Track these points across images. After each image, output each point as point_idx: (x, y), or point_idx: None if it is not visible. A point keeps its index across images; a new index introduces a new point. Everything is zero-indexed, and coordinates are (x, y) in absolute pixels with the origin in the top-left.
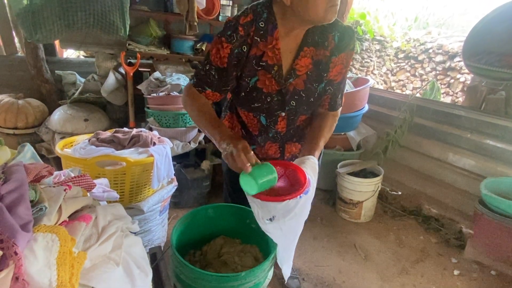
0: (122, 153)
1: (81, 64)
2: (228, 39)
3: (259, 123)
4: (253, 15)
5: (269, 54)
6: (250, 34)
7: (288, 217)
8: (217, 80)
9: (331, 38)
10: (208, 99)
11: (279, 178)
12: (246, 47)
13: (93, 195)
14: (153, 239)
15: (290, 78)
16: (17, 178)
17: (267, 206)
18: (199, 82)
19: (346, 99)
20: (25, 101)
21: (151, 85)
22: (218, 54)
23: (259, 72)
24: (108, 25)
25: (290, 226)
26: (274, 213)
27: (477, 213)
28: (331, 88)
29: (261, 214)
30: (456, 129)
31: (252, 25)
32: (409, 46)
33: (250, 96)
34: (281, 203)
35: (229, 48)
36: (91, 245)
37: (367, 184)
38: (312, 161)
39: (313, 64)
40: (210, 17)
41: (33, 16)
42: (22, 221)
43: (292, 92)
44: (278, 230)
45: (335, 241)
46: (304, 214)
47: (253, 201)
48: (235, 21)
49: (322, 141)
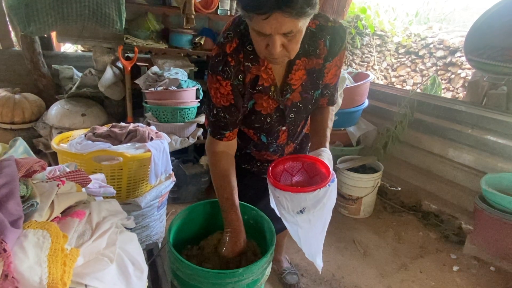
0: (119, 148)
1: (78, 58)
2: (224, 76)
3: (260, 141)
4: (238, 38)
5: (264, 76)
6: (240, 61)
7: (318, 207)
8: (229, 119)
9: (322, 45)
10: (230, 140)
11: (297, 172)
12: (242, 75)
13: (89, 191)
14: (151, 235)
15: (286, 94)
16: (7, 172)
17: (298, 198)
18: (214, 131)
19: (346, 94)
20: (22, 95)
21: (149, 80)
22: (219, 93)
23: (255, 95)
24: (104, 17)
25: (319, 216)
26: (304, 204)
27: (477, 209)
28: (328, 91)
29: (291, 206)
30: (457, 125)
31: (240, 51)
32: (410, 41)
33: (249, 119)
34: (312, 193)
35: (230, 84)
36: (85, 242)
37: (367, 180)
38: (327, 153)
39: (306, 74)
40: (209, 10)
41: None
42: (12, 217)
43: (290, 106)
44: (307, 222)
45: (334, 236)
46: (330, 202)
47: (282, 195)
48: (222, 51)
49: (328, 132)
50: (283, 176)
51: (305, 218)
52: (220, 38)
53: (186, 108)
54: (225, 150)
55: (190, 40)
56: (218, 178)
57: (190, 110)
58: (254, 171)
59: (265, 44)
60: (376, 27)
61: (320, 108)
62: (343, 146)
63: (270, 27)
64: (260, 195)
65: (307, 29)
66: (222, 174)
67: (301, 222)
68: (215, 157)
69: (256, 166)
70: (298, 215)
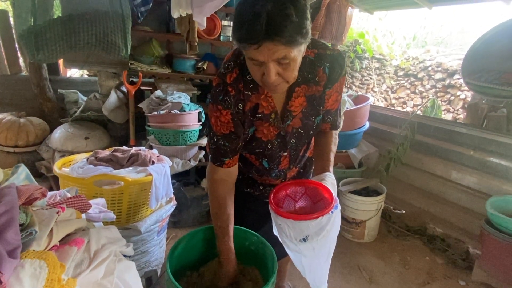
0: (120, 172)
1: (84, 83)
2: (224, 105)
3: (262, 166)
4: (238, 69)
5: (264, 104)
6: (240, 90)
7: (321, 235)
8: (229, 147)
9: (321, 72)
10: (231, 167)
11: (300, 197)
12: (242, 104)
13: (89, 216)
14: (150, 261)
15: (287, 120)
16: (7, 201)
17: (300, 226)
18: (215, 157)
19: (347, 117)
20: (27, 119)
21: (152, 104)
22: (219, 122)
23: (256, 122)
24: (110, 45)
25: (323, 244)
26: (307, 232)
27: (484, 233)
28: (330, 117)
29: (294, 234)
30: (458, 147)
31: (240, 80)
32: (408, 64)
33: (250, 145)
34: (315, 221)
35: (230, 113)
36: (82, 271)
37: (370, 203)
38: (331, 177)
39: (307, 100)
40: (211, 37)
41: (36, 37)
42: (10, 247)
43: (291, 132)
44: (310, 251)
45: (338, 262)
46: (334, 230)
47: (284, 222)
48: (222, 81)
49: (332, 156)
50: (286, 202)
51: (309, 246)
52: (221, 68)
53: (188, 131)
54: (224, 178)
55: (193, 65)
56: (214, 206)
57: (192, 133)
58: (256, 195)
59: (261, 73)
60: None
61: (323, 132)
62: (345, 168)
63: (262, 56)
64: (262, 219)
65: (305, 58)
66: (218, 203)
67: (305, 251)
68: (213, 185)
69: (259, 190)
70: (301, 244)
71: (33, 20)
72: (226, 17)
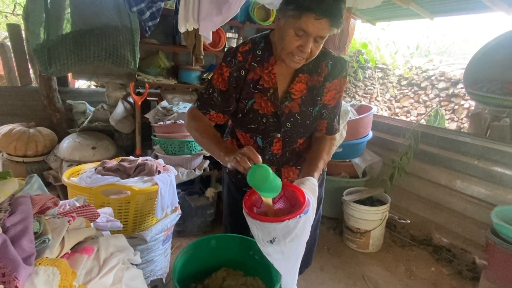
0: (127, 182)
1: (91, 94)
2: (227, 64)
3: (256, 144)
4: (252, 44)
5: (266, 78)
6: (248, 60)
7: (288, 238)
8: (220, 102)
9: (324, 66)
10: (212, 120)
11: (279, 199)
12: (244, 72)
13: (97, 225)
14: (155, 270)
15: (285, 101)
16: (23, 210)
17: (267, 228)
18: (203, 105)
19: (350, 126)
20: (36, 129)
21: (158, 114)
22: (220, 78)
23: (255, 94)
24: (119, 58)
25: (291, 248)
26: (274, 234)
27: (490, 243)
28: (326, 112)
29: (262, 236)
30: (462, 156)
31: (250, 52)
32: (412, 74)
33: (247, 118)
34: (281, 224)
35: (229, 72)
36: (92, 278)
37: (374, 212)
38: (312, 182)
39: (307, 89)
40: (217, 49)
41: (48, 51)
42: (25, 254)
43: (287, 114)
44: (279, 254)
45: (342, 272)
46: (304, 235)
47: (252, 223)
48: (235, 49)
49: (321, 163)
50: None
51: (277, 249)
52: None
53: (193, 140)
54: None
55: (199, 76)
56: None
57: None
58: None
59: (298, 43)
60: (377, 61)
61: (319, 138)
62: (349, 177)
63: (315, 28)
64: None
65: None
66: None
67: (273, 252)
68: (194, 120)
69: None
70: (269, 245)
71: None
72: (230, 29)
